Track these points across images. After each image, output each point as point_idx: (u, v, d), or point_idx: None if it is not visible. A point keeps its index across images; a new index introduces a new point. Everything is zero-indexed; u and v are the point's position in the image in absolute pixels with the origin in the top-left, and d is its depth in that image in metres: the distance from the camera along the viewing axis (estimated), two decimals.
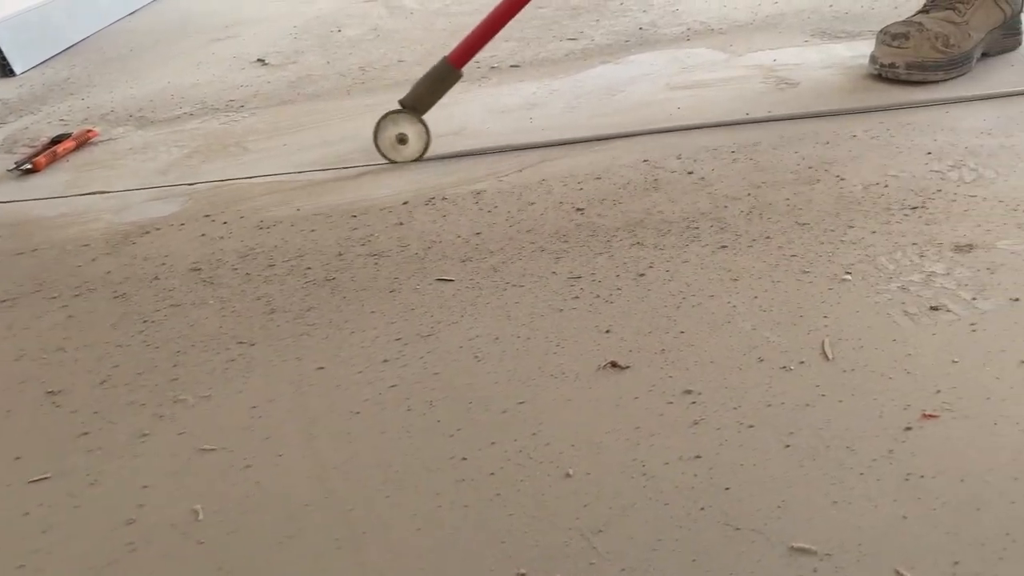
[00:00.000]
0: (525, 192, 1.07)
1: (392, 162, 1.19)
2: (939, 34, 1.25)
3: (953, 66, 1.26)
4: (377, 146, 1.19)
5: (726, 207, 0.97)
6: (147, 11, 2.46)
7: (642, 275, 0.87)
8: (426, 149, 1.20)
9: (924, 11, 1.31)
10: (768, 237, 0.90)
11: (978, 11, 1.29)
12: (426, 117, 1.19)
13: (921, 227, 0.89)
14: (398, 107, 1.18)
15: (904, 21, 1.29)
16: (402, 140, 1.19)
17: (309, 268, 0.94)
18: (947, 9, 1.29)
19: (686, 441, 0.64)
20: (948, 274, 0.81)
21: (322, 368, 0.77)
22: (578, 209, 1.02)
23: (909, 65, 1.25)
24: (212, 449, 0.69)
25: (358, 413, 0.71)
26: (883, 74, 1.28)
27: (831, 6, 1.74)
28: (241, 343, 0.83)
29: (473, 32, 1.17)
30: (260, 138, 1.34)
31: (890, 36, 1.27)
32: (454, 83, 1.20)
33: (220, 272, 0.96)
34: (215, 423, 0.72)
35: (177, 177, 1.23)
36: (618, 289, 0.85)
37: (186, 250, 1.02)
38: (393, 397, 0.72)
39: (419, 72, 1.62)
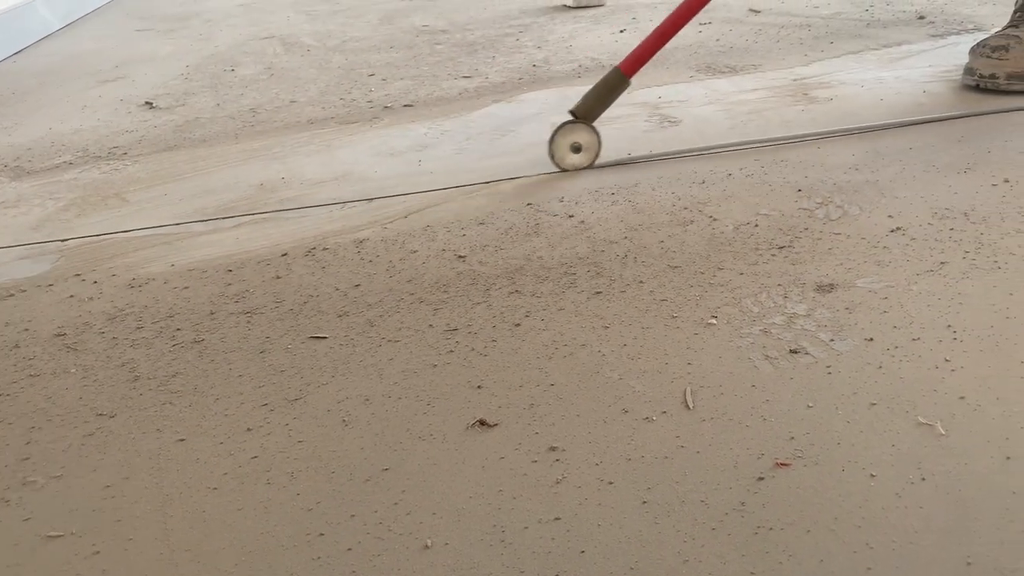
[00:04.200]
0: (408, 239, 1.07)
1: (563, 170, 1.22)
2: None
3: None
4: (552, 155, 1.22)
5: (603, 251, 0.98)
6: (34, 50, 2.38)
7: (518, 325, 0.87)
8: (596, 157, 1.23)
9: (1014, 25, 1.37)
10: (641, 281, 0.91)
11: None
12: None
13: (787, 267, 0.92)
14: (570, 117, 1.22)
15: (1000, 34, 1.35)
16: (576, 148, 1.21)
17: (179, 329, 0.91)
18: None
19: (547, 502, 0.64)
20: (809, 315, 0.83)
21: (183, 440, 0.74)
22: (460, 256, 1.01)
23: (1009, 75, 1.31)
24: (59, 535, 0.66)
25: (215, 489, 0.68)
26: (982, 85, 1.34)
27: (717, 40, 1.80)
28: (101, 415, 0.79)
29: (645, 41, 1.20)
30: (140, 188, 1.30)
31: (989, 48, 1.33)
32: (623, 91, 1.22)
33: (85, 337, 0.92)
34: (65, 506, 0.69)
35: (50, 233, 1.19)
36: (493, 341, 0.84)
37: (52, 314, 0.97)
38: (253, 470, 0.70)
39: (312, 112, 1.60)
